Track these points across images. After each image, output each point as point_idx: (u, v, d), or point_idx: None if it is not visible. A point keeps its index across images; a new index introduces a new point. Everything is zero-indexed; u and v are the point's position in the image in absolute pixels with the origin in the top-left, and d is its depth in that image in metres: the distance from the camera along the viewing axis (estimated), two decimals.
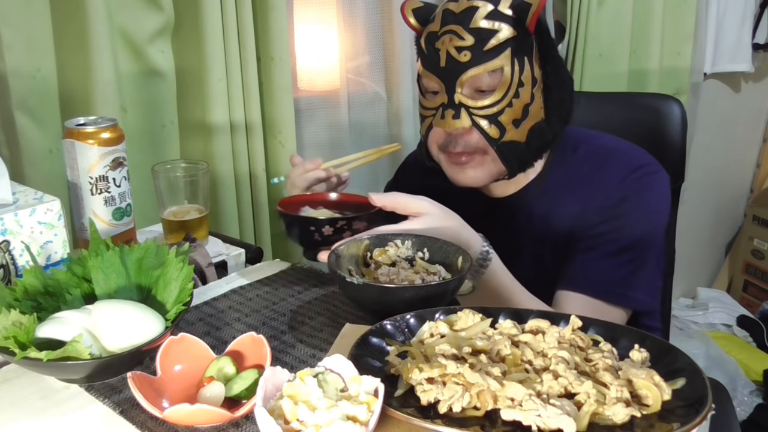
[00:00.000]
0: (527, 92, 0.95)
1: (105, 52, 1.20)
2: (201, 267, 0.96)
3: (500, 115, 0.94)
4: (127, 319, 0.67)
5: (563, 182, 1.03)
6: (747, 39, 2.46)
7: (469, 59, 0.92)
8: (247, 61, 1.40)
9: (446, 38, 0.94)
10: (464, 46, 0.92)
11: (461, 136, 0.96)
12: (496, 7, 0.93)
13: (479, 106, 0.94)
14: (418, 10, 1.00)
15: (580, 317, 0.67)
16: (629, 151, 1.03)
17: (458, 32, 0.93)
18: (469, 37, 0.92)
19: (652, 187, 0.99)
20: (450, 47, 0.93)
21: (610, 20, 1.98)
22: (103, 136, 0.90)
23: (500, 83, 0.93)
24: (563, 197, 1.02)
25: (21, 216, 0.81)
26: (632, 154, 1.02)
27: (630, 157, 1.01)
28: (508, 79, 0.93)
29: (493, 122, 0.94)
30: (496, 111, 0.94)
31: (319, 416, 0.53)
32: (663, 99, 1.32)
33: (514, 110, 0.94)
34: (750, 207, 2.81)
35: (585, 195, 1.00)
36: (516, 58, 0.93)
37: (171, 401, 0.61)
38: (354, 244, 0.87)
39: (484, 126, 0.95)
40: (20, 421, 0.62)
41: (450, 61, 0.94)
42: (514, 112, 0.95)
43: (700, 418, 0.52)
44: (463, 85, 0.94)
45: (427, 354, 0.63)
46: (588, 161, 1.02)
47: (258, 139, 1.46)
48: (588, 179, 1.01)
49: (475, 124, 0.95)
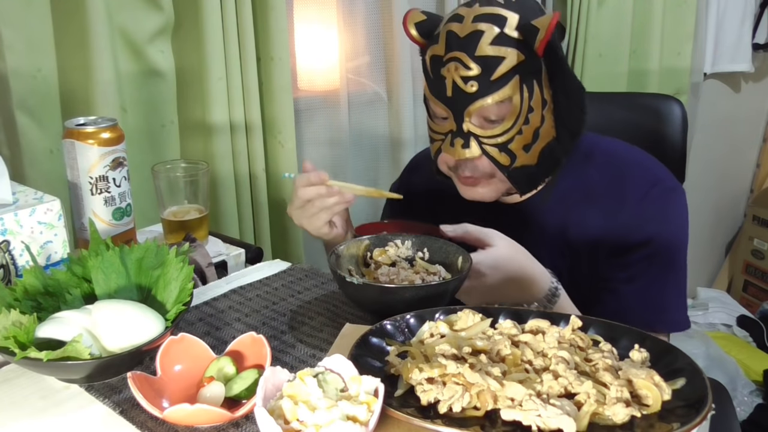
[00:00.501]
0: (537, 116, 0.92)
1: (105, 52, 1.20)
2: (201, 267, 0.96)
3: (510, 143, 0.92)
4: (127, 319, 0.67)
5: (578, 191, 1.00)
6: (747, 39, 2.47)
7: (476, 90, 0.89)
8: (247, 61, 1.40)
9: (451, 66, 0.90)
10: (470, 76, 0.89)
11: (471, 161, 0.94)
12: (502, 30, 0.88)
13: (489, 135, 0.91)
14: (421, 24, 0.96)
15: (580, 317, 0.67)
16: (644, 162, 1.01)
17: (463, 60, 0.89)
18: (475, 66, 0.88)
19: (675, 205, 0.98)
20: (456, 76, 0.90)
21: (610, 20, 1.98)
22: (103, 136, 0.90)
23: (509, 112, 0.90)
24: (579, 208, 0.99)
25: (21, 216, 0.81)
26: (649, 167, 1.00)
27: (648, 171, 0.99)
28: (517, 107, 0.90)
29: (503, 150, 0.92)
30: (506, 140, 0.91)
31: (319, 416, 0.53)
32: (663, 99, 1.32)
33: (524, 136, 0.92)
34: (750, 207, 2.81)
35: (604, 208, 0.98)
36: (524, 84, 0.90)
37: (171, 401, 0.61)
38: (354, 244, 0.87)
39: (494, 154, 0.92)
40: (20, 421, 0.62)
41: (456, 91, 0.90)
42: (524, 138, 0.92)
43: (700, 418, 0.52)
44: (471, 115, 0.91)
45: (427, 354, 0.63)
46: (603, 172, 1.00)
47: (258, 139, 1.46)
48: (605, 191, 0.98)
49: (485, 153, 0.92)
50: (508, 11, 0.90)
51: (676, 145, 1.27)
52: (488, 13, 0.89)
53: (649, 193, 0.96)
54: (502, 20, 0.89)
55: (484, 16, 0.89)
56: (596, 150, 1.01)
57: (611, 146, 1.03)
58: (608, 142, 1.04)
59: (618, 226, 0.96)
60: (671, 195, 0.97)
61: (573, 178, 1.00)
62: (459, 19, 0.91)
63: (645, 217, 0.96)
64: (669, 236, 0.96)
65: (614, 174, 0.99)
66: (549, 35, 0.86)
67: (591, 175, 1.00)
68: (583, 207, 0.99)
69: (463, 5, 0.93)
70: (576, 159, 1.00)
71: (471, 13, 0.90)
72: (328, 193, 0.94)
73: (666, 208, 0.97)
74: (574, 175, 1.00)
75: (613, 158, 1.01)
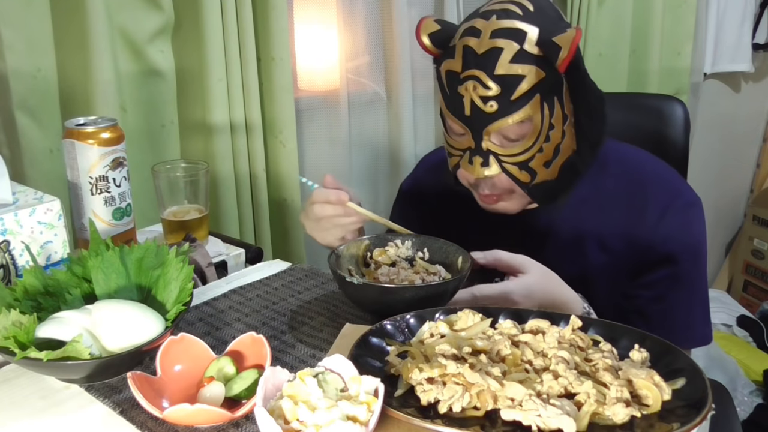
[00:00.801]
0: (558, 132, 0.89)
1: (105, 52, 1.20)
2: (201, 267, 0.96)
3: (531, 161, 0.89)
4: (127, 319, 0.67)
5: (594, 201, 0.98)
6: (747, 39, 2.47)
7: (496, 110, 0.86)
8: (248, 60, 1.39)
9: (469, 85, 0.86)
10: (489, 96, 0.85)
11: (490, 179, 0.92)
12: (521, 47, 0.85)
13: (509, 153, 0.89)
14: (435, 34, 0.92)
15: (580, 317, 0.67)
16: (663, 173, 0.99)
17: (482, 79, 0.85)
18: (494, 85, 0.85)
19: (696, 220, 0.96)
20: (474, 96, 0.86)
21: (610, 20, 1.98)
22: (103, 136, 0.90)
23: (530, 131, 0.88)
24: (596, 218, 0.97)
25: (21, 216, 0.81)
26: (669, 179, 0.98)
27: (668, 183, 0.97)
28: (538, 126, 0.87)
29: (523, 168, 0.90)
30: (527, 158, 0.89)
31: (319, 416, 0.53)
32: (666, 99, 1.32)
33: (545, 154, 0.90)
34: (750, 207, 2.81)
35: (621, 220, 0.96)
36: (545, 101, 0.87)
37: (171, 401, 0.61)
38: (354, 244, 0.87)
39: (514, 172, 0.90)
40: (20, 421, 0.62)
41: (475, 110, 0.87)
42: (545, 155, 0.90)
43: (700, 418, 0.52)
44: (490, 133, 0.88)
45: (427, 354, 0.63)
46: (619, 181, 0.97)
47: (258, 139, 1.46)
48: (622, 202, 0.96)
49: (504, 171, 0.90)
50: (527, 24, 0.86)
51: (678, 145, 1.27)
52: (507, 28, 0.85)
53: (670, 208, 0.94)
54: (522, 35, 0.85)
55: (502, 31, 0.85)
56: (611, 158, 0.99)
57: (627, 154, 1.01)
58: (624, 150, 1.01)
59: (638, 240, 0.94)
60: (692, 210, 0.96)
61: (588, 185, 0.98)
62: (476, 33, 0.87)
63: (667, 234, 0.94)
64: (692, 252, 0.95)
65: (631, 184, 0.97)
66: (571, 55, 0.83)
67: (606, 184, 0.98)
68: (600, 218, 0.97)
69: (479, 16, 0.89)
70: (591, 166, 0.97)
71: (488, 27, 0.86)
72: (345, 213, 0.91)
73: (689, 224, 0.95)
74: (588, 182, 0.97)
75: (630, 167, 0.99)
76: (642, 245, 0.95)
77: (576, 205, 0.98)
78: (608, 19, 1.97)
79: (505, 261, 0.85)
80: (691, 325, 0.96)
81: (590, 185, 0.98)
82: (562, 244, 0.98)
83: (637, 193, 0.96)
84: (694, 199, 0.97)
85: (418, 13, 1.76)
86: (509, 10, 0.87)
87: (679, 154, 1.28)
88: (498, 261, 0.85)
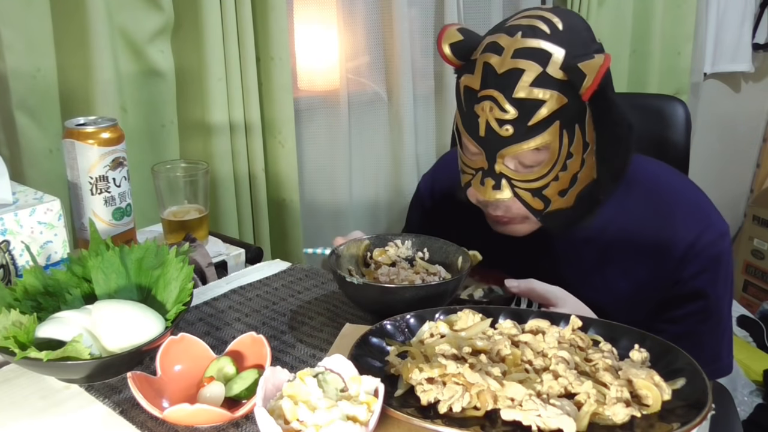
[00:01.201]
0: (577, 161, 0.84)
1: (105, 52, 1.20)
2: (201, 267, 0.96)
3: (545, 189, 0.85)
4: (127, 319, 0.67)
5: (618, 224, 0.92)
6: (747, 39, 2.47)
7: (512, 134, 0.81)
8: (247, 61, 1.40)
9: (486, 105, 0.82)
10: (506, 119, 0.81)
11: (502, 202, 0.88)
12: (544, 69, 0.79)
13: (522, 179, 0.85)
14: (457, 45, 0.86)
15: (580, 317, 0.67)
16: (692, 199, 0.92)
17: (499, 101, 0.80)
18: (512, 108, 0.80)
19: (725, 252, 0.90)
20: (490, 117, 0.82)
21: (610, 20, 1.98)
22: (103, 136, 0.90)
23: (546, 159, 0.83)
24: (620, 243, 0.91)
25: (21, 216, 0.81)
26: (698, 204, 0.92)
27: (698, 210, 0.91)
28: (555, 154, 0.83)
29: (537, 195, 0.85)
30: (541, 185, 0.84)
31: (319, 416, 0.53)
32: (667, 100, 1.31)
33: (561, 182, 0.85)
34: (750, 207, 2.80)
35: (649, 250, 0.90)
36: (565, 129, 0.82)
37: (171, 401, 0.61)
38: (354, 244, 0.87)
39: (526, 199, 0.85)
40: (20, 421, 0.62)
41: (490, 132, 0.83)
42: (561, 184, 0.85)
43: (700, 418, 0.52)
44: (504, 157, 0.84)
45: (427, 354, 0.63)
46: (648, 206, 0.91)
47: (257, 139, 1.46)
48: (650, 229, 0.90)
49: (517, 196, 0.85)
50: (553, 45, 0.80)
51: (679, 146, 1.27)
52: (531, 48, 0.80)
53: (700, 240, 0.88)
54: (546, 57, 0.80)
55: (526, 51, 0.80)
56: (639, 177, 0.92)
57: (656, 173, 0.94)
58: (653, 168, 0.95)
59: (665, 273, 0.89)
60: (722, 242, 0.89)
61: (613, 207, 0.91)
62: (498, 50, 0.82)
63: (697, 268, 0.88)
64: (721, 287, 0.90)
65: (660, 209, 0.91)
66: (596, 84, 0.78)
67: (632, 207, 0.92)
68: (623, 242, 0.91)
69: (504, 31, 0.83)
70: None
71: (512, 45, 0.81)
72: None
73: (720, 256, 0.89)
74: (614, 203, 0.91)
75: (658, 189, 0.92)
76: (669, 278, 0.89)
77: (603, 231, 0.92)
78: (608, 19, 1.97)
79: (539, 292, 0.82)
80: (717, 357, 0.91)
81: (616, 206, 0.91)
82: (584, 267, 0.92)
83: (666, 219, 0.90)
84: (724, 228, 0.90)
85: (419, 13, 1.76)
86: (536, 27, 0.82)
87: (679, 154, 1.27)
88: (532, 291, 0.82)
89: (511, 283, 0.82)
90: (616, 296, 0.91)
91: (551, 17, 0.82)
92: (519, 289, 0.82)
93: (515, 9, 1.86)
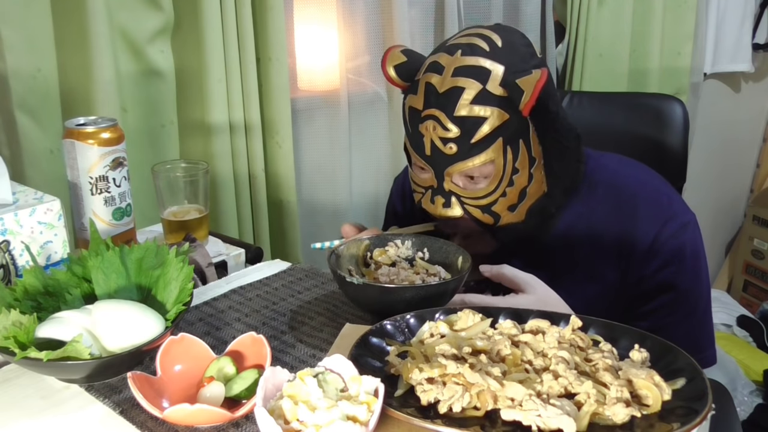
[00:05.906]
0: (524, 176, 0.85)
1: (105, 52, 1.20)
2: (201, 267, 0.96)
3: (494, 205, 0.86)
4: (127, 319, 0.67)
5: (582, 226, 0.92)
6: (747, 39, 2.47)
7: (456, 152, 0.83)
8: (247, 61, 1.40)
9: (429, 124, 0.83)
10: (449, 137, 0.82)
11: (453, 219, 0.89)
12: (484, 87, 0.80)
13: (471, 196, 0.86)
14: (401, 66, 0.88)
15: (580, 317, 0.67)
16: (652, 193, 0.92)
17: (441, 120, 0.82)
18: (454, 127, 0.81)
19: (691, 241, 0.90)
20: (434, 136, 0.83)
21: (610, 20, 1.98)
22: (103, 136, 0.90)
23: (492, 174, 0.84)
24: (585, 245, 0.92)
25: (21, 216, 0.81)
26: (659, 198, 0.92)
27: (659, 205, 0.91)
28: (500, 170, 0.84)
29: (486, 211, 0.87)
30: (489, 202, 0.86)
31: (319, 416, 0.53)
32: (665, 99, 1.32)
33: (509, 198, 0.86)
34: (750, 207, 2.81)
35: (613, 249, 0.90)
36: (508, 145, 0.83)
37: (171, 401, 0.61)
38: (354, 244, 0.87)
39: (476, 215, 0.87)
40: (20, 421, 0.62)
41: (435, 151, 0.84)
42: (509, 199, 0.86)
43: (700, 418, 0.52)
44: (451, 175, 0.85)
45: (427, 354, 0.63)
46: (609, 206, 0.92)
47: (257, 139, 1.46)
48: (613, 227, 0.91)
49: (467, 213, 0.87)
50: (492, 62, 0.82)
51: (677, 145, 1.28)
52: (470, 66, 0.82)
53: (662, 232, 0.89)
54: (485, 74, 0.81)
55: (465, 69, 0.82)
56: (597, 177, 0.93)
57: (614, 171, 0.95)
58: (612, 165, 0.95)
59: (630, 269, 0.90)
60: (686, 231, 0.90)
61: (578, 209, 0.93)
62: (439, 70, 0.83)
63: (660, 262, 0.89)
64: (689, 276, 0.90)
65: (620, 207, 0.91)
66: (534, 99, 0.79)
67: (595, 208, 0.92)
68: (588, 245, 0.92)
69: (445, 50, 0.85)
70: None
71: (452, 64, 0.83)
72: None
73: (683, 247, 0.89)
74: (579, 205, 0.92)
75: (617, 187, 0.93)
76: (635, 275, 0.90)
77: (569, 230, 0.93)
78: (608, 19, 1.97)
79: (509, 277, 0.83)
80: (696, 349, 0.88)
81: (581, 208, 0.92)
82: (554, 271, 0.91)
83: (629, 216, 0.90)
84: (687, 218, 0.91)
85: (419, 13, 1.76)
86: (475, 45, 0.83)
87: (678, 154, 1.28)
88: (502, 276, 0.83)
89: (485, 268, 0.84)
90: (588, 298, 0.90)
91: (490, 35, 0.84)
92: (490, 274, 0.84)
93: (515, 9, 1.87)
